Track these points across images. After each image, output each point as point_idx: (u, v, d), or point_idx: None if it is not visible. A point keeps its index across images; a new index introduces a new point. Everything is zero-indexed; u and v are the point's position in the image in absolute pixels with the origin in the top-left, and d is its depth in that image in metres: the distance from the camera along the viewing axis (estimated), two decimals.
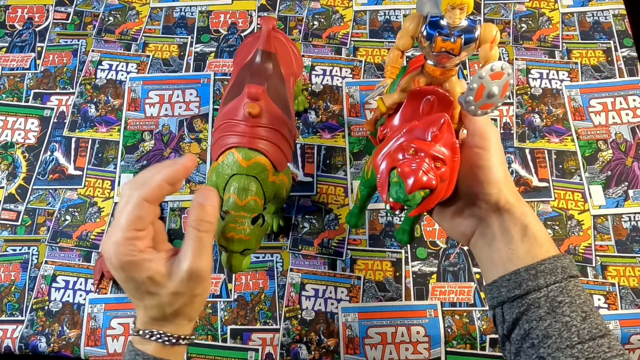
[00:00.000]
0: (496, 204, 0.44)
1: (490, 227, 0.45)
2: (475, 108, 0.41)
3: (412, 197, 0.41)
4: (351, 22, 0.85)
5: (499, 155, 0.45)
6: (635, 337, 0.65)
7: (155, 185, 0.41)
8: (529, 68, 0.81)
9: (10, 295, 0.68)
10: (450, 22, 0.42)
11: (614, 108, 0.78)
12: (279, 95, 0.59)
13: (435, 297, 0.68)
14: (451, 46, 0.43)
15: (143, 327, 0.44)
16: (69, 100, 0.80)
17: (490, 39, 0.42)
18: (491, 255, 0.45)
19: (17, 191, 0.74)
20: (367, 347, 0.65)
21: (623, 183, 0.73)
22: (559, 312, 0.41)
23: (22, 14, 0.87)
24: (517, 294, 0.42)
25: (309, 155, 0.75)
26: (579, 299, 0.42)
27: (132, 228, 0.40)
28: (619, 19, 0.84)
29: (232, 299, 0.68)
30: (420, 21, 0.44)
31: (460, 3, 0.41)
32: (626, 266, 0.69)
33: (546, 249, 0.44)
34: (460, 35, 0.42)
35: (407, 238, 0.61)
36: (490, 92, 0.40)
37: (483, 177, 0.44)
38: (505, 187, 0.44)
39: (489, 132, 0.45)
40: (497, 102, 0.41)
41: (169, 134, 0.77)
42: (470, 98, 0.40)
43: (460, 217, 0.48)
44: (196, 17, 0.86)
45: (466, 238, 0.48)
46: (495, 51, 0.42)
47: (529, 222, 0.44)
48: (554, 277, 0.42)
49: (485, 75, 0.39)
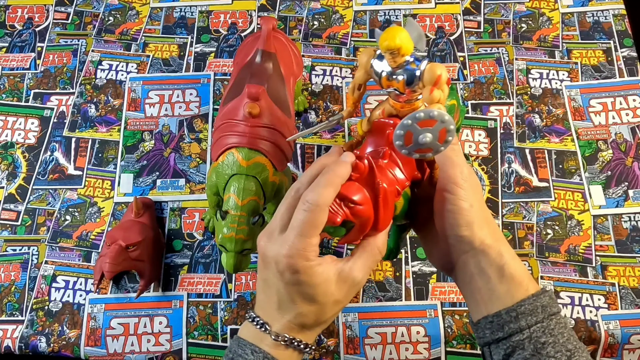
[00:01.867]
0: (470, 245, 0.44)
1: (468, 267, 0.45)
2: (410, 152, 0.41)
3: (333, 230, 0.42)
4: (351, 22, 0.85)
5: (469, 197, 0.44)
6: (635, 337, 0.65)
7: (329, 195, 0.40)
8: (529, 68, 0.81)
9: (10, 295, 0.68)
10: (389, 64, 0.41)
11: (614, 108, 0.78)
12: (279, 95, 0.59)
13: (435, 297, 0.68)
14: (396, 85, 0.42)
15: (285, 333, 0.43)
16: (69, 100, 0.80)
17: (433, 81, 0.40)
18: (472, 293, 0.45)
19: (17, 191, 0.74)
20: (367, 347, 0.65)
21: (623, 183, 0.73)
22: (543, 354, 0.41)
23: (22, 14, 0.87)
24: (501, 336, 0.42)
25: (309, 155, 0.75)
26: (562, 337, 0.42)
27: (313, 234, 0.41)
28: (619, 19, 0.84)
29: (232, 299, 0.68)
30: (371, 56, 0.43)
31: (386, 48, 0.39)
32: (626, 266, 0.69)
33: (525, 287, 0.43)
34: (402, 75, 0.41)
35: (388, 254, 0.55)
36: (420, 140, 0.39)
37: (453, 220, 0.44)
38: (479, 229, 0.44)
39: (455, 175, 0.44)
40: (435, 148, 0.40)
41: (169, 134, 0.77)
42: (400, 143, 0.40)
43: (439, 251, 0.48)
44: (196, 17, 0.86)
45: (447, 270, 0.48)
46: (437, 93, 0.40)
47: (505, 262, 0.43)
48: (535, 318, 0.42)
49: (411, 123, 0.38)
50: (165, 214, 0.72)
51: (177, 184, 0.74)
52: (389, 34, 0.39)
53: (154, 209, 0.71)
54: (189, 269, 0.69)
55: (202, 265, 0.70)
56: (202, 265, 0.70)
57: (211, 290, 0.68)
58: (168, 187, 0.74)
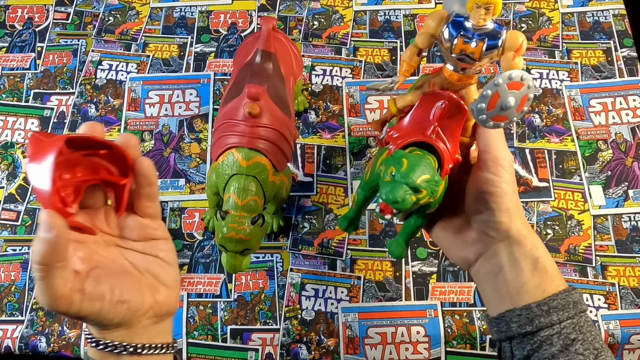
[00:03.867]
0: (506, 233, 0.43)
1: (498, 257, 0.43)
2: (487, 118, 0.38)
3: (402, 199, 0.38)
4: (351, 22, 0.85)
5: (512, 183, 0.43)
6: (635, 337, 0.65)
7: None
8: (529, 68, 0.81)
9: (10, 295, 0.68)
10: (474, 22, 0.39)
11: (614, 108, 0.78)
12: (279, 95, 0.59)
13: (435, 297, 0.68)
14: (472, 50, 0.40)
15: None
16: (69, 100, 0.80)
17: (515, 47, 0.39)
18: (497, 286, 0.43)
19: (17, 191, 0.74)
20: (367, 347, 0.65)
21: (623, 183, 0.73)
22: (572, 351, 0.39)
23: (22, 14, 0.87)
24: (529, 330, 0.41)
25: (309, 155, 0.75)
26: (590, 335, 0.40)
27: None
28: (619, 19, 0.84)
29: (232, 299, 0.68)
30: (442, 20, 0.41)
31: (486, 2, 0.38)
32: (626, 266, 0.69)
33: (556, 283, 0.42)
34: (483, 39, 0.39)
35: (399, 251, 0.52)
36: (505, 103, 0.37)
37: (494, 204, 0.42)
38: (517, 217, 0.43)
39: (502, 157, 0.42)
40: (511, 116, 0.38)
41: (169, 134, 0.77)
42: (482, 106, 0.37)
43: (463, 241, 0.46)
44: (196, 17, 0.86)
45: (468, 264, 0.46)
46: (518, 61, 0.39)
47: (540, 255, 0.42)
48: (567, 313, 0.40)
49: (502, 82, 0.36)
50: (165, 214, 0.72)
51: (177, 184, 0.74)
52: None
53: None
54: (189, 269, 0.69)
55: (202, 265, 0.70)
56: (202, 265, 0.70)
57: (211, 290, 0.68)
58: (168, 187, 0.74)
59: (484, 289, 0.46)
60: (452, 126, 0.44)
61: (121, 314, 0.37)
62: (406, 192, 0.38)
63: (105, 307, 0.36)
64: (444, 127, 0.43)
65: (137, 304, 0.38)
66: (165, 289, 0.41)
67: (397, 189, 0.38)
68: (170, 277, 0.41)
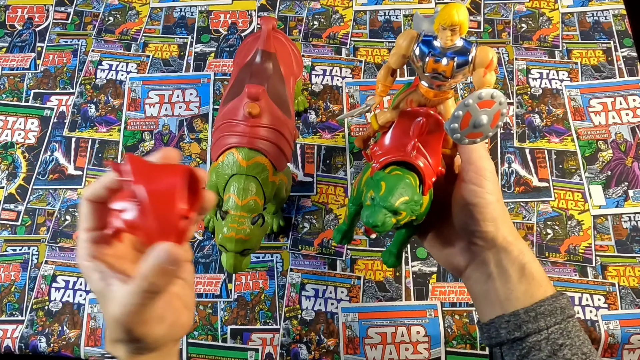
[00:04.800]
0: (493, 241, 0.43)
1: (486, 265, 0.44)
2: (462, 136, 0.39)
3: (382, 223, 0.40)
4: (351, 22, 0.85)
5: (495, 192, 0.43)
6: (635, 337, 0.65)
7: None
8: (529, 68, 0.81)
9: (10, 295, 0.68)
10: (442, 42, 0.40)
11: (614, 108, 0.78)
12: (279, 95, 0.59)
13: (435, 297, 0.68)
14: (443, 68, 0.41)
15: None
16: (69, 100, 0.80)
17: (485, 64, 0.40)
18: (487, 292, 0.44)
19: (17, 191, 0.74)
20: (367, 347, 0.65)
21: (623, 183, 0.73)
22: (560, 356, 0.40)
23: (22, 14, 0.87)
24: (517, 336, 0.41)
25: (309, 155, 0.75)
26: (578, 340, 0.41)
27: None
28: (619, 19, 0.84)
29: (232, 299, 0.68)
30: (413, 39, 0.42)
31: (450, 24, 0.38)
32: (626, 266, 0.69)
33: (544, 288, 0.43)
34: (453, 57, 0.40)
35: (393, 260, 0.54)
36: (477, 122, 0.38)
37: (479, 215, 0.43)
38: (503, 225, 0.43)
39: (484, 167, 0.43)
40: (486, 132, 0.39)
41: (169, 134, 0.77)
42: (455, 126, 0.38)
43: (453, 250, 0.47)
44: (196, 17, 0.86)
45: (459, 271, 0.47)
46: (490, 77, 0.40)
47: (527, 261, 0.43)
48: (554, 319, 0.41)
49: (472, 103, 0.37)
50: None
51: None
52: (451, 9, 0.38)
53: None
54: None
55: (202, 265, 0.70)
56: (202, 265, 0.70)
57: (211, 290, 0.68)
58: None
59: (474, 295, 0.46)
60: (433, 140, 0.45)
61: (167, 336, 0.37)
62: (385, 216, 0.40)
63: (164, 330, 0.36)
64: (424, 142, 0.44)
65: (179, 326, 0.38)
66: (187, 311, 0.40)
67: (377, 213, 0.40)
68: (190, 298, 0.41)
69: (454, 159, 0.48)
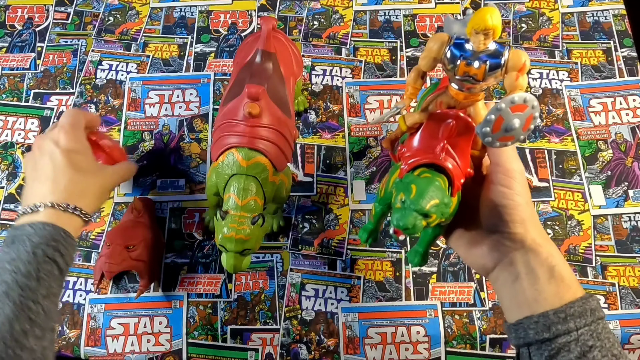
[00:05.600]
0: (522, 243, 0.43)
1: (515, 266, 0.44)
2: (493, 140, 0.39)
3: (412, 226, 0.40)
4: (351, 22, 0.85)
5: (525, 194, 0.43)
6: (635, 337, 0.65)
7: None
8: (529, 68, 0.81)
9: None
10: (475, 47, 0.40)
11: (614, 108, 0.78)
12: (279, 95, 0.59)
13: (435, 297, 0.68)
14: (475, 71, 0.40)
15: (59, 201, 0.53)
16: (69, 101, 0.80)
17: (518, 67, 0.39)
18: (515, 293, 0.44)
19: (17, 191, 0.74)
20: (367, 347, 0.65)
21: (623, 183, 0.73)
22: (590, 357, 0.40)
23: (22, 14, 0.87)
24: (546, 337, 0.41)
25: (309, 155, 0.75)
26: (608, 342, 0.41)
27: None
28: (619, 19, 0.84)
29: (232, 299, 0.68)
30: (444, 42, 0.41)
31: (484, 28, 0.38)
32: (626, 266, 0.69)
33: (574, 290, 0.42)
34: (485, 60, 0.40)
35: (418, 260, 0.53)
36: (509, 126, 0.38)
37: (508, 216, 0.43)
38: (532, 226, 0.43)
39: (513, 169, 0.43)
40: (518, 136, 0.39)
41: (169, 134, 0.77)
42: (487, 129, 0.38)
43: (480, 251, 0.47)
44: (196, 17, 0.86)
45: (486, 271, 0.47)
46: (522, 80, 0.39)
47: (557, 264, 0.43)
48: (584, 321, 0.41)
49: (505, 107, 0.37)
50: (165, 214, 0.72)
51: (177, 184, 0.74)
52: (485, 13, 0.38)
53: (154, 208, 0.71)
54: (189, 269, 0.69)
55: (202, 265, 0.70)
56: (202, 265, 0.70)
57: (211, 290, 0.68)
58: (168, 187, 0.74)
59: (502, 295, 0.46)
60: (462, 142, 0.45)
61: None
62: (416, 219, 0.40)
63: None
64: (453, 144, 0.44)
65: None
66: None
67: (408, 216, 0.40)
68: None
69: (482, 160, 0.48)
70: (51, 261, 0.49)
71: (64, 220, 0.52)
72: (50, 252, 0.49)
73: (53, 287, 0.49)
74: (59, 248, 0.50)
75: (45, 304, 0.47)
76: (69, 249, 0.51)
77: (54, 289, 0.49)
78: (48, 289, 0.48)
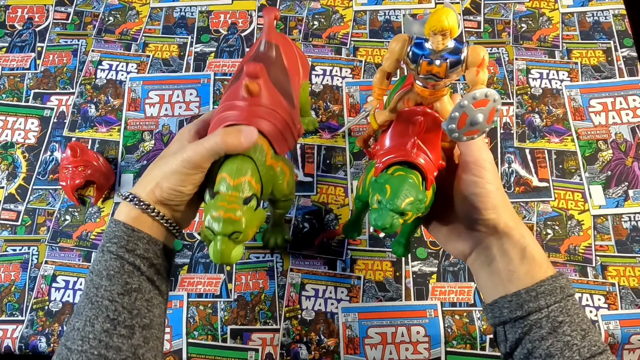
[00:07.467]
0: (495, 227, 0.45)
1: (490, 249, 0.46)
2: (460, 135, 0.41)
3: (389, 225, 0.41)
4: (351, 22, 0.85)
5: (495, 181, 0.45)
6: (635, 337, 0.65)
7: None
8: (529, 68, 0.81)
9: (10, 295, 0.68)
10: (434, 46, 0.41)
11: (614, 108, 0.78)
12: (281, 84, 0.56)
13: (435, 297, 0.68)
14: (437, 70, 0.42)
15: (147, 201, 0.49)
16: (69, 100, 0.80)
17: (477, 63, 0.41)
18: (490, 275, 0.46)
19: (17, 191, 0.74)
20: (367, 347, 0.65)
21: (623, 183, 0.73)
22: (560, 332, 0.42)
23: (22, 14, 0.87)
24: (519, 315, 0.43)
25: (309, 155, 0.75)
26: (577, 317, 0.43)
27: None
28: (619, 19, 0.84)
29: (232, 299, 0.68)
30: (405, 42, 0.43)
31: (440, 29, 0.40)
32: (626, 266, 0.69)
33: (544, 269, 0.45)
34: (446, 58, 0.41)
35: (402, 250, 0.59)
36: (473, 120, 0.39)
37: (481, 204, 0.44)
38: (504, 211, 0.45)
39: (483, 158, 0.45)
40: (482, 129, 0.41)
41: (169, 134, 0.77)
42: (453, 126, 0.40)
43: (457, 236, 0.49)
44: (196, 17, 0.86)
45: (464, 256, 0.50)
46: (482, 75, 0.41)
47: (528, 244, 0.45)
48: (554, 298, 0.43)
49: (468, 104, 0.38)
50: None
51: None
52: (441, 15, 0.39)
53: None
54: (189, 269, 0.69)
55: (202, 265, 0.70)
56: (202, 265, 0.70)
57: (211, 290, 0.68)
58: None
59: (479, 278, 0.49)
60: (431, 137, 0.46)
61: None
62: (393, 218, 0.42)
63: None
64: (423, 139, 0.46)
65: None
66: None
67: (384, 217, 0.41)
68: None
69: (453, 151, 0.50)
70: (117, 258, 0.46)
71: (134, 216, 0.48)
72: (114, 249, 0.47)
73: (130, 283, 0.46)
74: (124, 245, 0.47)
75: (125, 301, 0.45)
76: (139, 243, 0.47)
77: (130, 285, 0.46)
78: (124, 286, 0.45)
